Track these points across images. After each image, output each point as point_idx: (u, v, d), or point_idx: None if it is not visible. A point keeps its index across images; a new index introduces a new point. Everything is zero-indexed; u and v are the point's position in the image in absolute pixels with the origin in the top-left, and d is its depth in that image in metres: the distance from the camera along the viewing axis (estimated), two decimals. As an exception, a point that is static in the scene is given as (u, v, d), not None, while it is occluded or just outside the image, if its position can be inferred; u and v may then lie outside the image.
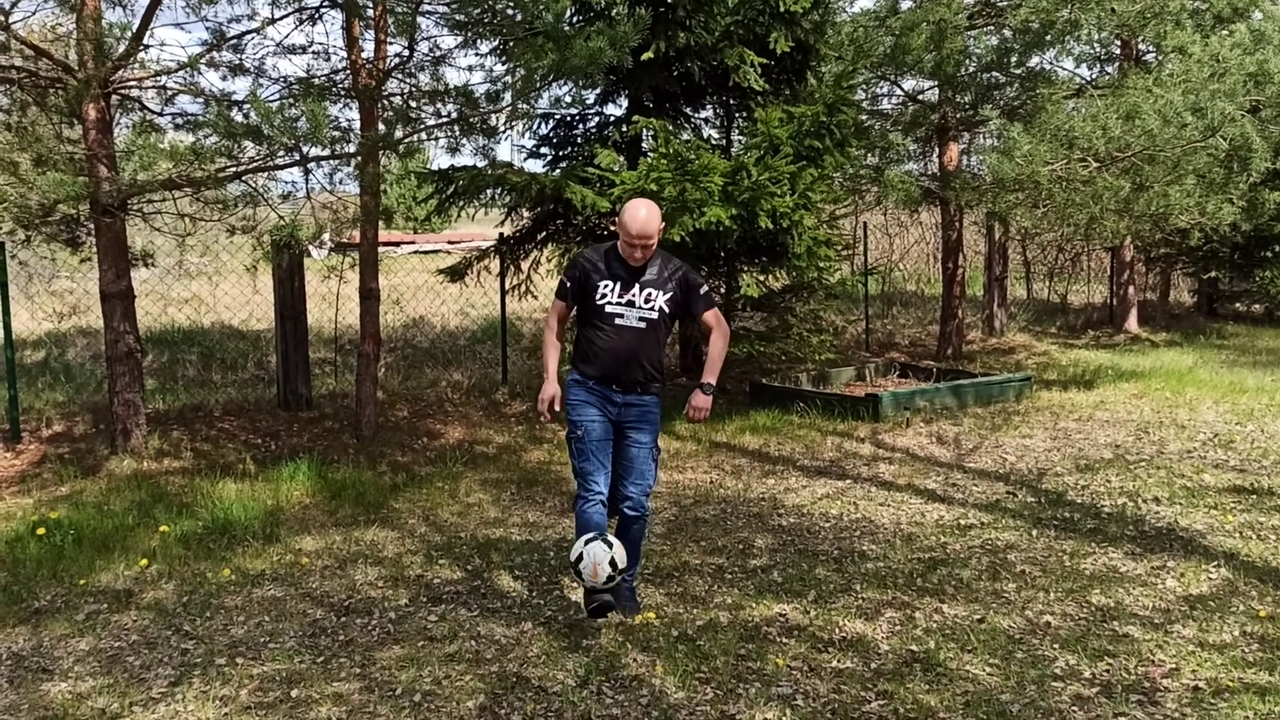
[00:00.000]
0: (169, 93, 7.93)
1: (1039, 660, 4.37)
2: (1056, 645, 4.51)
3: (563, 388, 4.78)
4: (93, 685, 4.26)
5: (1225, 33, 10.81)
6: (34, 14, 8.15)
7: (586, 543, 4.51)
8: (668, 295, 4.72)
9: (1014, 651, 4.46)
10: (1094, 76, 14.80)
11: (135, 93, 7.98)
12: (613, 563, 4.46)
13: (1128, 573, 5.43)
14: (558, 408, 4.74)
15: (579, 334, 4.87)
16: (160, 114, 8.00)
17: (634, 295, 4.69)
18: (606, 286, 4.71)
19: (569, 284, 4.84)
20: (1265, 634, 4.59)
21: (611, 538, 4.58)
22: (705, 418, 4.81)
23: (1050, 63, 13.39)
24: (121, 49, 7.27)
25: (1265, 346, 14.25)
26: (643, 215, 4.60)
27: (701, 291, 4.83)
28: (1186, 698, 4.02)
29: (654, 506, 6.76)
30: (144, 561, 5.66)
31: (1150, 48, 13.92)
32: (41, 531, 6.03)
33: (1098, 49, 14.53)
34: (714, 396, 4.85)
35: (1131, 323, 16.05)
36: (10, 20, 7.07)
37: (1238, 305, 18.25)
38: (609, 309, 4.70)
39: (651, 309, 4.70)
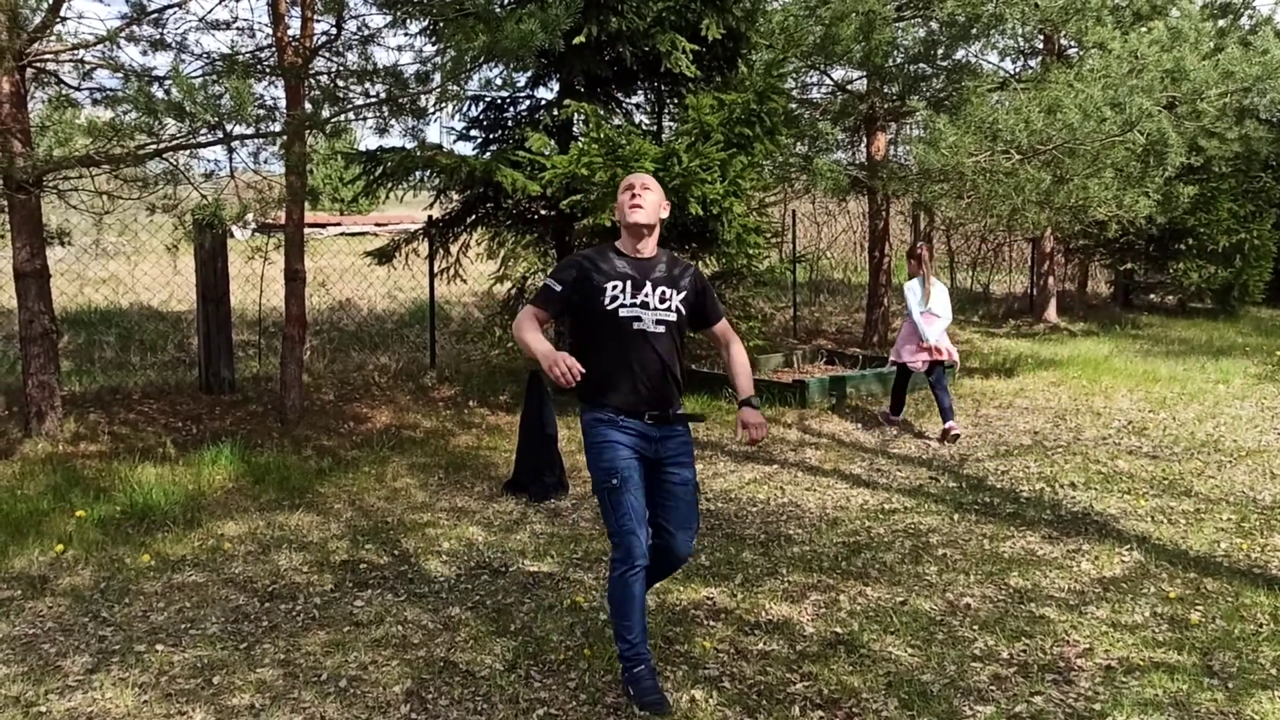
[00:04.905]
0: (87, 67, 7.71)
1: (959, 641, 4.47)
2: (976, 626, 4.62)
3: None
4: (6, 673, 4.15)
5: (1144, 30, 11.08)
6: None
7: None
8: (682, 295, 4.00)
9: (935, 633, 4.55)
10: (1017, 70, 15.06)
11: (51, 66, 7.74)
12: None
13: (1045, 556, 5.57)
14: (574, 368, 3.68)
15: (582, 359, 3.88)
16: (78, 88, 7.77)
17: (647, 295, 3.93)
18: (616, 288, 3.91)
19: (559, 289, 3.96)
20: (1174, 615, 4.74)
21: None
22: (767, 433, 4.14)
23: (975, 56, 13.62)
24: (37, 20, 7.05)
25: (1178, 337, 14.66)
26: (640, 174, 4.10)
27: (715, 295, 4.18)
28: (1099, 677, 4.14)
29: (582, 492, 6.78)
30: (60, 547, 5.53)
31: (1072, 43, 14.22)
32: (-49, 517, 5.86)
33: (1021, 43, 14.79)
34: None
35: (1051, 312, 16.41)
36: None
37: (1152, 296, 18.74)
38: (623, 313, 3.89)
39: (669, 309, 3.95)
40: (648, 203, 3.96)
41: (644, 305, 3.92)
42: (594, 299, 3.92)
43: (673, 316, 3.96)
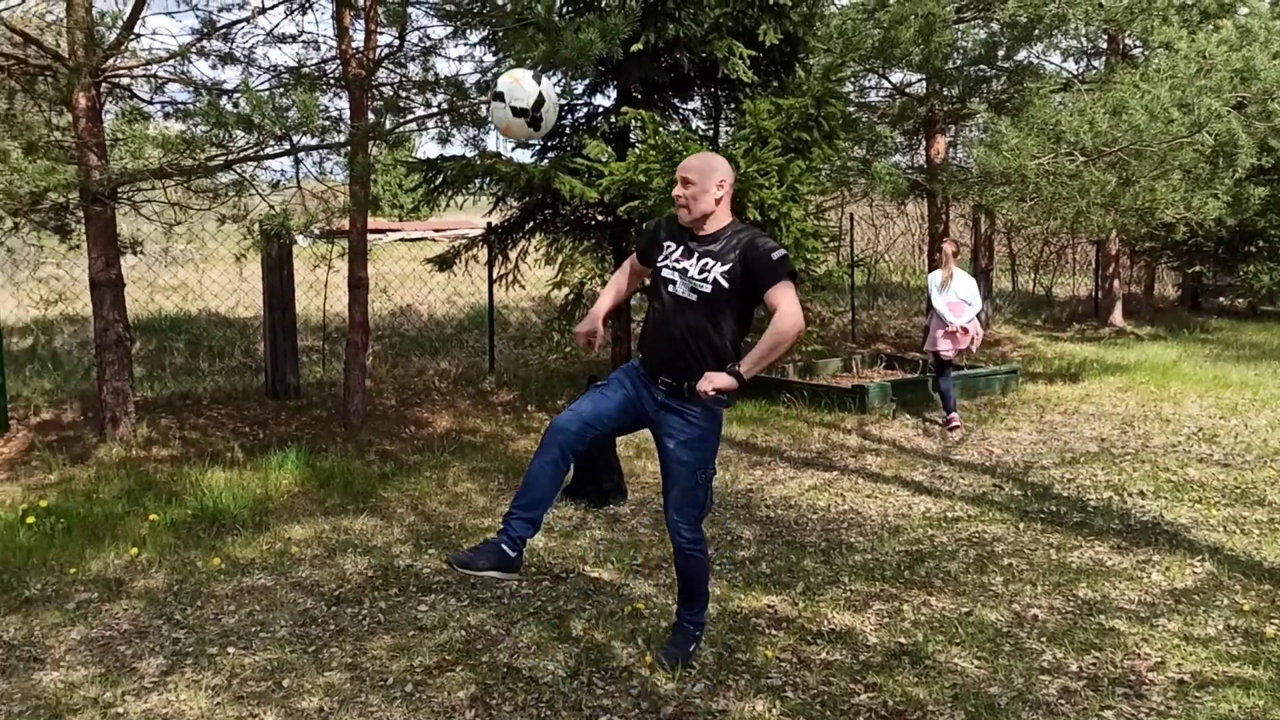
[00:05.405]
0: (159, 81, 7.90)
1: (1026, 653, 4.41)
2: (1043, 638, 4.56)
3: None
4: (84, 674, 4.26)
5: (1211, 29, 10.88)
6: (21, 2, 8.07)
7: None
8: (725, 268, 3.93)
9: (1001, 644, 4.50)
10: (1081, 71, 14.85)
11: (125, 81, 7.94)
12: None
13: (1114, 566, 5.48)
14: (595, 342, 4.19)
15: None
16: (150, 102, 7.97)
17: (690, 263, 4.01)
18: (670, 247, 4.10)
19: (645, 227, 4.39)
20: (1249, 628, 4.65)
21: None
22: (709, 394, 3.85)
23: (1038, 57, 13.47)
24: (112, 37, 7.23)
25: (1249, 341, 14.36)
26: (691, 159, 4.14)
27: (774, 257, 3.88)
28: (1172, 691, 4.07)
29: (640, 498, 6.80)
30: (134, 550, 5.66)
31: (1137, 43, 14.00)
32: (31, 520, 6.02)
33: (1085, 44, 14.60)
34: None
35: (1116, 316, 16.15)
36: (-2, 7, 7.03)
37: (1222, 299, 18.38)
38: (664, 272, 4.06)
39: (705, 280, 3.94)
40: (689, 200, 4.04)
41: (683, 273, 4.01)
42: (655, 254, 4.16)
43: (708, 288, 3.94)
